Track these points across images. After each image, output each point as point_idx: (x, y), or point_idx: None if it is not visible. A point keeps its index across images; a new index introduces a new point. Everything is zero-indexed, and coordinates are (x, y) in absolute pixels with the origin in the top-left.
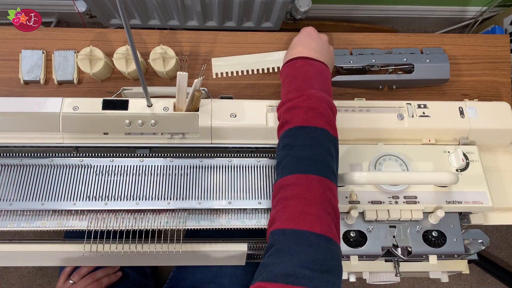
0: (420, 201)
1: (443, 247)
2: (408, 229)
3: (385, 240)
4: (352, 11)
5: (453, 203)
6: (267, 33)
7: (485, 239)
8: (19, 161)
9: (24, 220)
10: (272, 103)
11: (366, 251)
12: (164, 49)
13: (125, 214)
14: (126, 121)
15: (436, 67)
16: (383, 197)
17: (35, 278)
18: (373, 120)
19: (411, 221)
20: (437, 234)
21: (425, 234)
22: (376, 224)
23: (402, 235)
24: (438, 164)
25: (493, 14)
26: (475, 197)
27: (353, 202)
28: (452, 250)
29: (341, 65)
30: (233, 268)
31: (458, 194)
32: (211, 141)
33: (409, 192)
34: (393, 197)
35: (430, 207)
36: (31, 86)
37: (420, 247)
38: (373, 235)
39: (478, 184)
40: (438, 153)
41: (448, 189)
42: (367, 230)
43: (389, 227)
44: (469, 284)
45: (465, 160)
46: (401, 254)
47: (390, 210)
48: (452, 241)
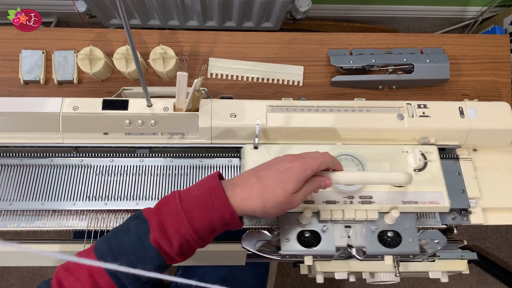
0: (376, 201)
1: (398, 248)
2: (364, 229)
3: (339, 240)
4: (352, 11)
5: (409, 203)
6: (267, 33)
7: (442, 239)
8: (19, 161)
9: (24, 220)
10: (272, 103)
11: (320, 251)
12: (164, 49)
13: (125, 214)
14: (126, 121)
15: (436, 67)
16: (338, 197)
17: (35, 278)
18: (373, 120)
19: (367, 221)
20: (393, 235)
21: (380, 234)
22: (331, 224)
23: (357, 235)
24: (396, 164)
25: (493, 14)
26: (432, 197)
27: (308, 202)
28: (407, 250)
29: (341, 65)
30: (241, 272)
31: (414, 194)
32: (211, 141)
33: (365, 192)
34: (348, 197)
35: (385, 207)
36: (31, 86)
37: (374, 247)
38: (327, 235)
39: (435, 184)
40: (397, 153)
41: (404, 189)
42: (321, 230)
43: (344, 227)
44: (469, 284)
45: (423, 160)
46: (357, 254)
47: (345, 210)
48: (407, 241)
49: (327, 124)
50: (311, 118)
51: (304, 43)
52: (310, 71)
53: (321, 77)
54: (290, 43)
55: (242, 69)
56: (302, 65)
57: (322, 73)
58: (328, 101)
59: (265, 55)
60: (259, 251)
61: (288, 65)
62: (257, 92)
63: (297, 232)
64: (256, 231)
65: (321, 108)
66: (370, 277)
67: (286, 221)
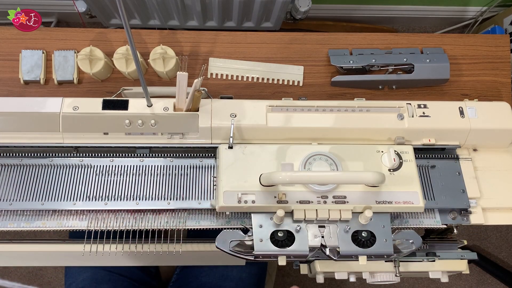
0: (349, 201)
1: (372, 248)
2: (338, 229)
3: (313, 240)
4: (352, 11)
5: (383, 203)
6: (267, 33)
7: (417, 239)
8: (19, 161)
9: (24, 220)
10: (272, 103)
11: (293, 251)
12: (164, 49)
13: (125, 214)
14: (126, 121)
15: (436, 67)
16: (312, 197)
17: (35, 278)
18: (373, 120)
19: (341, 221)
20: (367, 235)
21: (354, 234)
22: (305, 224)
23: (331, 235)
24: (370, 163)
25: (493, 14)
26: (406, 197)
27: (281, 202)
28: (381, 250)
29: (341, 65)
30: (238, 272)
31: (388, 194)
32: (211, 141)
33: (338, 192)
34: (321, 196)
35: (359, 207)
36: (31, 86)
37: (348, 247)
38: (300, 235)
39: (410, 184)
40: (372, 152)
41: (378, 189)
42: (295, 230)
43: (318, 227)
44: (469, 284)
45: (398, 159)
46: (331, 254)
47: (319, 210)
48: (381, 241)
49: (327, 124)
50: (311, 118)
51: (304, 43)
52: (310, 71)
53: (321, 77)
54: (290, 43)
55: (242, 69)
56: (302, 65)
57: (322, 73)
58: (328, 101)
59: (265, 55)
60: (233, 251)
61: (288, 65)
62: (257, 92)
63: (271, 232)
64: (230, 231)
65: (321, 108)
66: (370, 277)
67: (259, 221)
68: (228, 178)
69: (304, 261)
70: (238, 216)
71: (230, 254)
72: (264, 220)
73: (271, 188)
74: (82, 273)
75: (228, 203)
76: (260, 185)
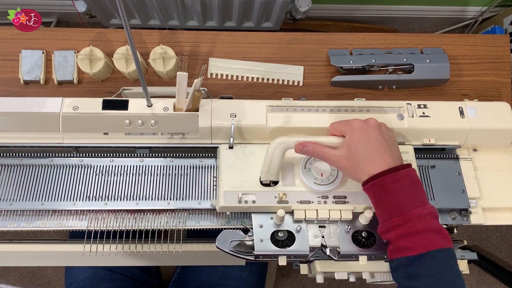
0: (350, 201)
1: (372, 248)
2: (338, 229)
3: (313, 240)
4: (352, 11)
5: None
6: (267, 33)
7: None
8: (19, 161)
9: (24, 220)
10: (272, 103)
11: (294, 251)
12: (164, 49)
13: (125, 214)
14: (126, 121)
15: (436, 67)
16: (312, 197)
17: (35, 278)
18: None
19: (341, 221)
20: (367, 235)
21: (354, 234)
22: (305, 224)
23: (331, 235)
24: None
25: (493, 14)
26: None
27: (282, 202)
28: (381, 251)
29: (341, 65)
30: (239, 270)
31: None
32: (211, 141)
33: (339, 192)
34: (322, 196)
35: (360, 207)
36: (31, 86)
37: (348, 247)
38: (301, 235)
39: None
40: None
41: None
42: (295, 230)
43: (318, 227)
44: (469, 284)
45: None
46: (331, 254)
47: (319, 210)
48: (381, 242)
49: (327, 124)
50: (311, 118)
51: (304, 43)
52: (310, 71)
53: (321, 77)
54: (290, 43)
55: (242, 69)
56: (302, 65)
57: (322, 73)
58: (328, 101)
59: (265, 55)
60: (233, 251)
61: (288, 65)
62: (257, 92)
63: (271, 232)
64: (230, 231)
65: (321, 108)
66: (370, 277)
67: (260, 221)
68: (228, 178)
69: (304, 261)
70: (238, 216)
71: (231, 254)
72: (265, 220)
73: (270, 188)
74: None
75: (228, 203)
76: (261, 185)
